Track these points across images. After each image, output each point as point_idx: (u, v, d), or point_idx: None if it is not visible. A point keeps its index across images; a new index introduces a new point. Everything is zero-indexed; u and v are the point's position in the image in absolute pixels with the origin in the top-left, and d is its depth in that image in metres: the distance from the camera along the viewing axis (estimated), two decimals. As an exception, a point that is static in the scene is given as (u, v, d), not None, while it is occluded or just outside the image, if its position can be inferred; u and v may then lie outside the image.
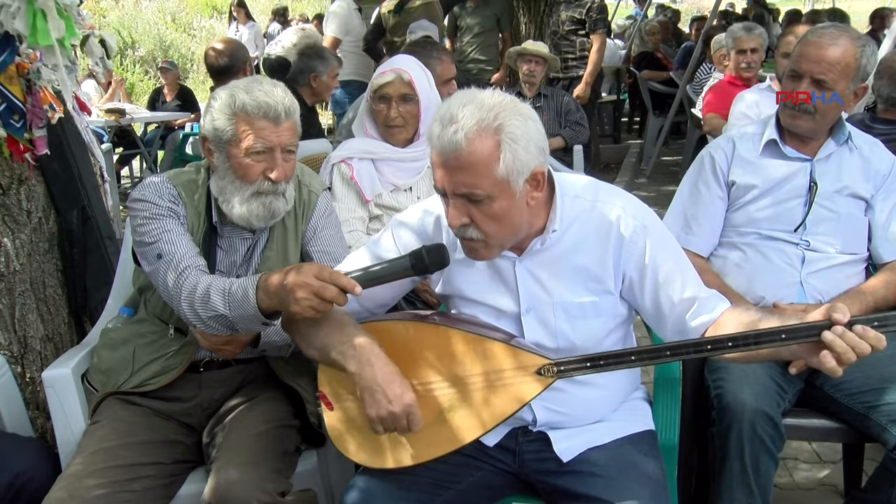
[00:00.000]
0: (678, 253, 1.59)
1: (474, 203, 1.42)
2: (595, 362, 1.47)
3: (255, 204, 1.78)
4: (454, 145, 1.37)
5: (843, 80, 1.98)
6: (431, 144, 1.42)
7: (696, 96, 6.11)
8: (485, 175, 1.38)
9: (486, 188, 1.39)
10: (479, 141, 1.37)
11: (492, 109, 1.38)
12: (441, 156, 1.40)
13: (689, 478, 2.10)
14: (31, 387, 2.23)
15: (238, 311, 1.57)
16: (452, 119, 1.37)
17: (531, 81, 4.75)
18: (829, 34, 1.99)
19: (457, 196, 1.42)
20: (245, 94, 1.71)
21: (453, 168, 1.39)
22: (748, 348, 1.38)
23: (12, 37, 1.98)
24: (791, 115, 2.06)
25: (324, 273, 1.44)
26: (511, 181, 1.40)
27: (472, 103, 1.39)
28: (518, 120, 1.39)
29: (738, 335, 1.39)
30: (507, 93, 1.46)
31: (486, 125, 1.37)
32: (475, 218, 1.43)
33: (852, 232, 2.08)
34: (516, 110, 1.41)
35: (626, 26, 10.89)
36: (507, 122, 1.38)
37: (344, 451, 1.58)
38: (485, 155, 1.37)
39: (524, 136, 1.39)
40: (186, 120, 7.03)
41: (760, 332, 1.37)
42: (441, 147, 1.39)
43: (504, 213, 1.43)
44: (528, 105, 1.47)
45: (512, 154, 1.38)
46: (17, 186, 2.17)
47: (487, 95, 1.42)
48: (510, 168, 1.39)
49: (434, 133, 1.40)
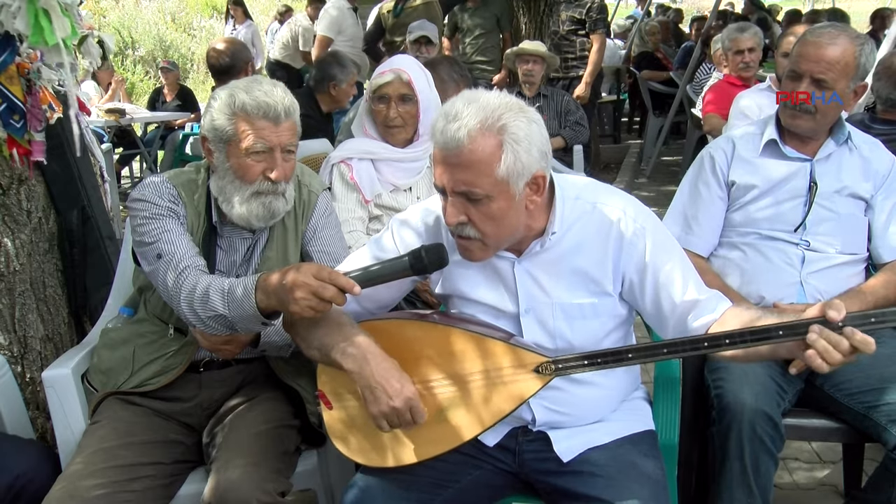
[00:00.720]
0: (679, 254, 1.59)
1: (473, 202, 1.42)
2: (593, 360, 1.47)
3: (255, 204, 1.78)
4: (456, 142, 1.37)
5: (843, 79, 1.98)
6: (434, 139, 1.42)
7: (696, 96, 6.11)
8: (485, 174, 1.39)
9: (486, 188, 1.40)
10: (482, 139, 1.37)
11: (496, 109, 1.39)
12: (443, 151, 1.40)
13: (689, 478, 2.10)
14: (31, 387, 2.23)
15: (237, 310, 1.57)
16: (457, 116, 1.38)
17: (531, 81, 4.75)
18: (827, 34, 1.99)
19: (455, 194, 1.42)
20: (245, 94, 1.71)
21: (454, 165, 1.39)
22: (745, 345, 1.38)
23: (12, 37, 1.98)
24: (791, 115, 2.06)
25: (322, 273, 1.44)
26: (511, 182, 1.40)
27: (477, 102, 1.39)
28: (522, 122, 1.40)
29: (735, 332, 1.39)
30: (507, 93, 1.47)
31: (490, 124, 1.37)
32: (473, 217, 1.43)
33: (852, 232, 2.08)
34: (521, 112, 1.41)
35: (626, 26, 10.88)
36: (510, 122, 1.38)
37: (344, 451, 1.58)
38: (486, 154, 1.37)
39: (527, 139, 1.39)
40: (186, 120, 7.03)
41: (756, 328, 1.38)
42: (443, 142, 1.39)
43: (502, 214, 1.43)
44: (534, 109, 1.47)
45: (514, 155, 1.38)
46: (17, 186, 2.17)
47: (494, 96, 1.42)
48: (511, 169, 1.39)
49: (437, 128, 1.40)
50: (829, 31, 2.00)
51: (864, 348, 1.28)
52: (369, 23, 5.92)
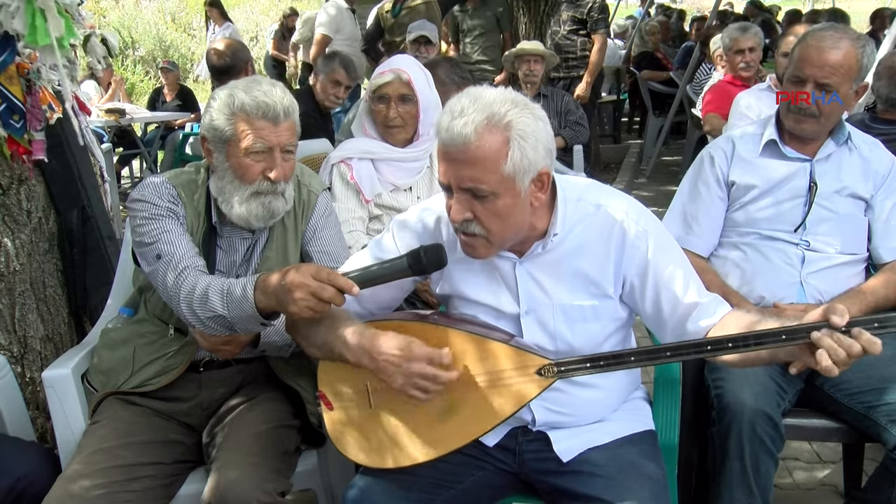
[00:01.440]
0: (680, 257, 1.58)
1: (478, 199, 1.41)
2: (595, 363, 1.47)
3: (255, 204, 1.78)
4: (463, 138, 1.36)
5: (847, 82, 1.97)
6: (439, 136, 1.41)
7: (696, 96, 6.11)
8: (491, 171, 1.38)
9: (492, 184, 1.39)
10: (488, 135, 1.36)
11: (503, 105, 1.38)
12: (448, 148, 1.39)
13: (689, 478, 2.10)
14: (31, 387, 2.23)
15: (236, 311, 1.57)
16: (462, 112, 1.37)
17: (532, 81, 4.75)
18: (829, 37, 1.98)
19: (461, 191, 1.42)
20: (244, 94, 1.71)
21: (460, 161, 1.39)
22: (748, 348, 1.38)
23: (12, 37, 1.98)
24: (796, 120, 2.05)
25: (321, 273, 1.44)
26: (517, 179, 1.40)
27: (483, 98, 1.39)
28: (528, 118, 1.39)
29: (738, 336, 1.39)
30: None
31: (497, 120, 1.37)
32: (478, 214, 1.43)
33: (852, 232, 2.08)
34: (527, 109, 1.41)
35: (626, 26, 10.88)
36: (517, 119, 1.38)
37: (344, 451, 1.58)
38: (493, 150, 1.37)
39: (533, 135, 1.39)
40: (186, 120, 7.02)
41: (760, 332, 1.37)
42: (449, 139, 1.38)
43: (508, 211, 1.42)
44: (539, 106, 1.46)
45: (520, 151, 1.38)
46: (17, 186, 2.17)
47: (499, 92, 1.41)
48: (517, 166, 1.38)
49: (443, 125, 1.39)
50: (831, 34, 1.99)
51: (871, 349, 1.28)
52: (368, 23, 5.92)
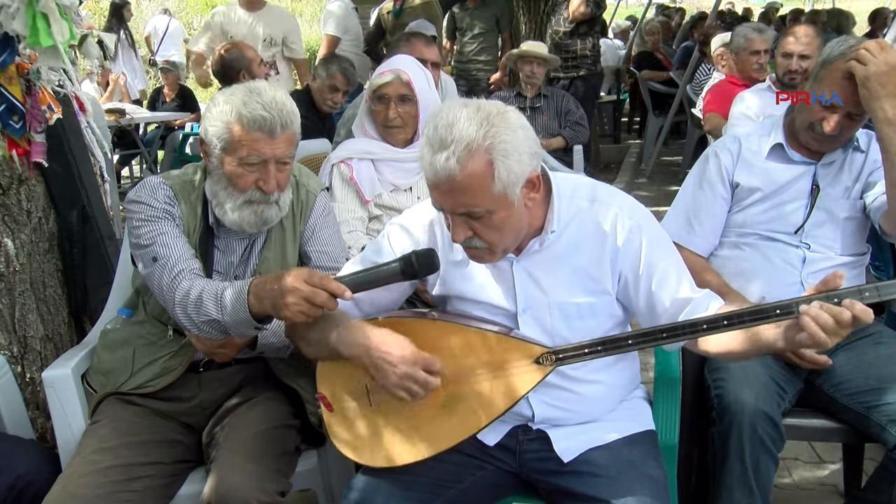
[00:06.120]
0: (672, 253, 1.60)
1: (476, 219, 1.43)
2: (593, 348, 1.49)
3: (247, 212, 1.78)
4: (447, 171, 1.36)
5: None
6: (423, 170, 1.42)
7: (696, 96, 6.11)
8: (481, 194, 1.39)
9: (485, 204, 1.40)
10: (472, 163, 1.36)
11: (480, 127, 1.36)
12: (435, 181, 1.40)
13: (689, 478, 2.10)
14: (31, 387, 2.23)
15: (230, 315, 1.57)
16: (442, 144, 1.36)
17: (533, 83, 4.74)
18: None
19: (457, 215, 1.44)
20: (242, 106, 1.69)
21: (448, 191, 1.40)
22: (742, 325, 1.39)
23: (12, 37, 1.98)
24: (818, 142, 2.02)
25: (314, 278, 1.44)
26: (508, 192, 1.41)
27: (458, 122, 1.37)
28: (507, 134, 1.38)
29: (733, 313, 1.40)
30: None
31: (477, 146, 1.36)
32: (478, 231, 1.45)
33: (852, 234, 2.08)
34: (505, 124, 1.39)
35: (626, 26, 10.89)
36: (496, 139, 1.37)
37: (345, 453, 1.59)
38: (479, 175, 1.37)
39: (515, 150, 1.39)
40: (186, 120, 7.02)
41: (753, 308, 1.40)
42: (433, 174, 1.39)
43: (505, 222, 1.44)
44: (515, 109, 1.45)
45: (506, 169, 1.38)
46: (17, 186, 2.17)
47: (473, 110, 1.39)
48: (506, 182, 1.39)
49: (425, 160, 1.39)
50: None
51: (865, 317, 1.30)
52: (370, 24, 5.92)
